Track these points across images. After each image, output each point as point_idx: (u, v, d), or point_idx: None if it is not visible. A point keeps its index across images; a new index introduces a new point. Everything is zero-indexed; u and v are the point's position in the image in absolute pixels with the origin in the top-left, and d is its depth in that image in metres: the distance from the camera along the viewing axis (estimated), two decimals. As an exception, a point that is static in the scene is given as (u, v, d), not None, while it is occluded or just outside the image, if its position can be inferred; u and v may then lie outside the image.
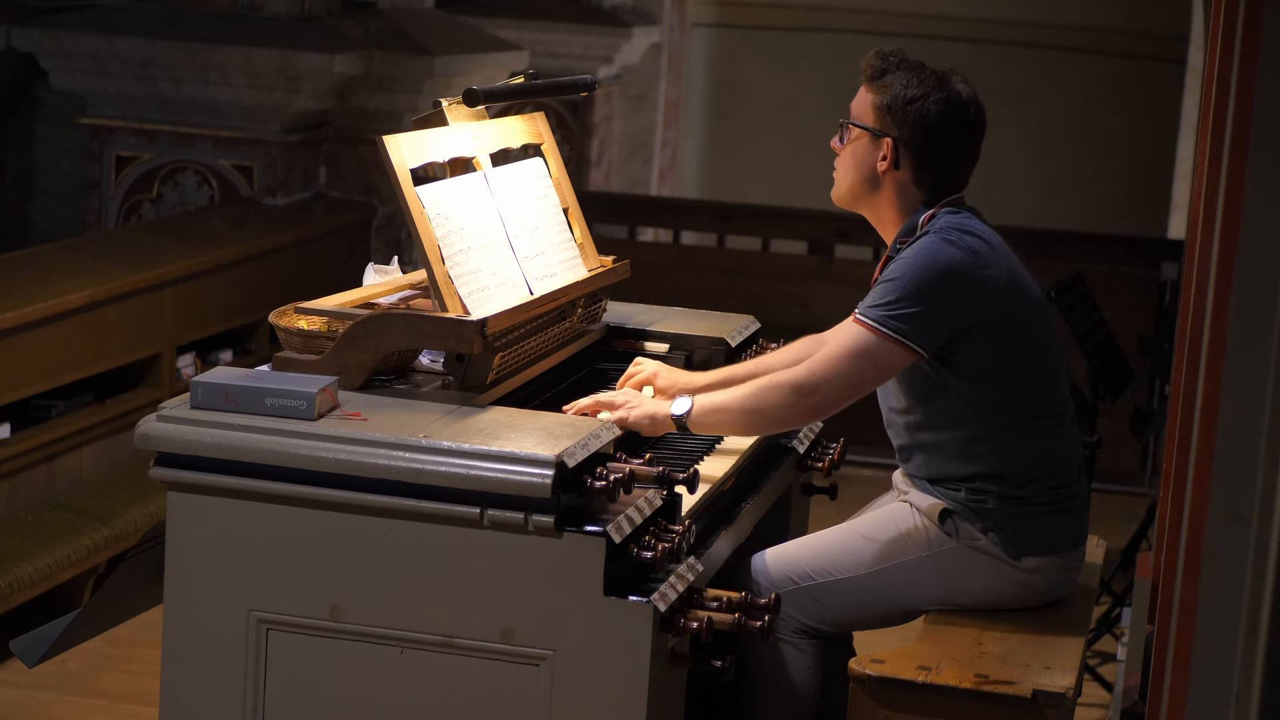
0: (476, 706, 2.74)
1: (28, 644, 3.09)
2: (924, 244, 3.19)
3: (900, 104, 3.22)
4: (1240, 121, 1.78)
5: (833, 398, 3.15)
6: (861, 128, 3.28)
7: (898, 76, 3.24)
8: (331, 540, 2.75)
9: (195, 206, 6.58)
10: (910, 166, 3.25)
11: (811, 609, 3.27)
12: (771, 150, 11.13)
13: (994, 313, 3.18)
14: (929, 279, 3.13)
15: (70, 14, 6.63)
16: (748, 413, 3.16)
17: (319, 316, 3.06)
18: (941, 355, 3.19)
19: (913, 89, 3.22)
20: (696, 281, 7.58)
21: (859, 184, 3.30)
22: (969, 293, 3.15)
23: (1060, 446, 3.28)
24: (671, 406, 3.17)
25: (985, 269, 3.17)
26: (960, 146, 3.27)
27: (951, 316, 3.15)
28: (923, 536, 3.27)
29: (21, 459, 4.92)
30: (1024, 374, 3.23)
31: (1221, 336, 1.75)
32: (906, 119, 3.22)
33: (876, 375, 3.17)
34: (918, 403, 3.27)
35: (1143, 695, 3.67)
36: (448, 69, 6.75)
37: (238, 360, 5.87)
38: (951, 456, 3.25)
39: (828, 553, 3.30)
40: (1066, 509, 3.28)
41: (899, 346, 3.12)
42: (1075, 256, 7.43)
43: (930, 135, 3.23)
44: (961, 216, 3.24)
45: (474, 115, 3.33)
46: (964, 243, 3.17)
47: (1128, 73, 10.58)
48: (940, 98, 3.22)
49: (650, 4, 10.17)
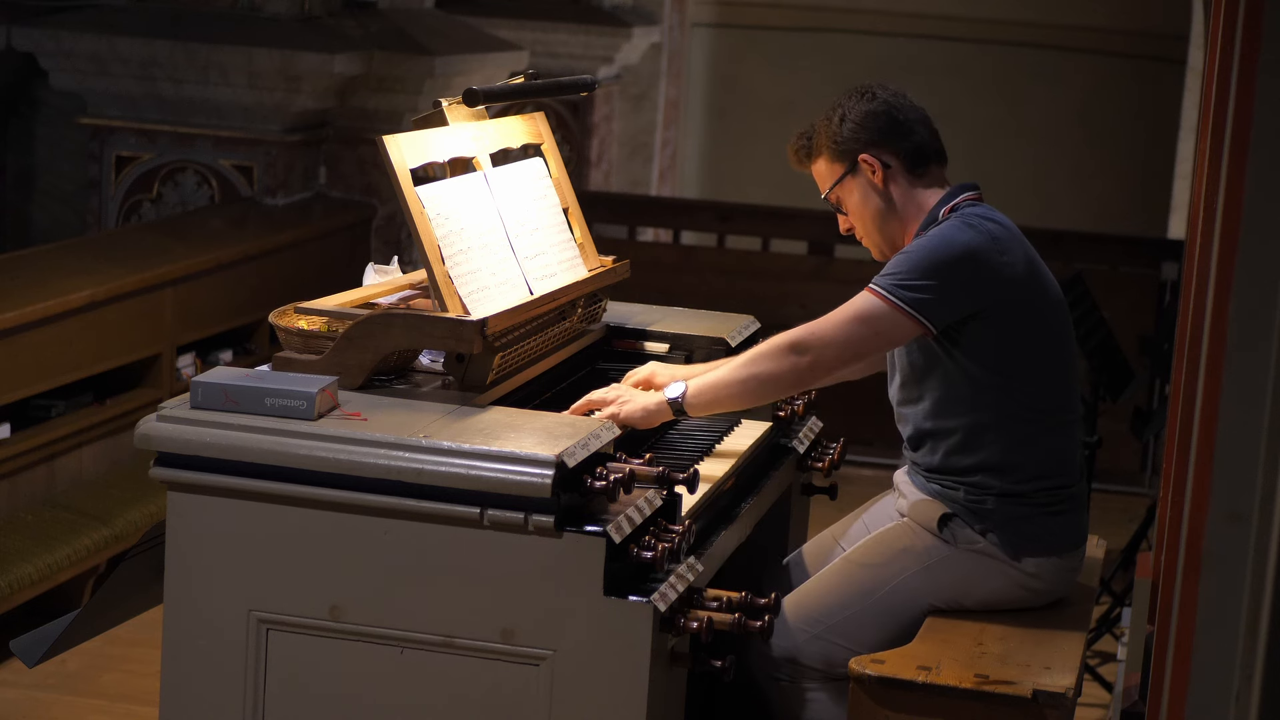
0: (476, 706, 2.74)
1: (28, 644, 3.09)
2: (944, 226, 3.23)
3: (837, 135, 3.36)
4: (1240, 121, 1.78)
5: (830, 358, 3.15)
6: (840, 180, 3.37)
7: (818, 135, 3.40)
8: (331, 540, 2.75)
9: (195, 206, 6.58)
10: (893, 156, 3.33)
11: (830, 655, 3.25)
12: (771, 150, 11.06)
13: (1008, 299, 3.19)
14: (945, 256, 3.16)
15: (70, 14, 6.63)
16: (743, 380, 3.16)
17: (319, 316, 3.06)
18: (953, 337, 3.21)
19: (834, 121, 3.37)
20: (696, 281, 7.58)
21: (878, 217, 3.35)
22: (984, 275, 3.17)
23: (1065, 447, 3.28)
24: (665, 392, 3.18)
25: (1003, 255, 3.20)
26: (903, 114, 3.35)
27: (964, 296, 3.17)
28: (920, 549, 3.27)
29: (21, 459, 4.92)
30: (1035, 365, 3.24)
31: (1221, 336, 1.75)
32: (853, 136, 3.34)
33: (877, 343, 3.18)
34: (929, 389, 3.27)
35: (1143, 695, 3.67)
36: (448, 69, 6.75)
37: (238, 360, 5.87)
38: (958, 446, 3.25)
39: (831, 592, 3.29)
40: (1066, 510, 3.29)
41: (906, 317, 3.14)
42: (1075, 256, 7.43)
43: (876, 121, 3.33)
44: (983, 207, 3.30)
45: (474, 115, 3.33)
46: (984, 227, 3.21)
47: (1128, 73, 10.57)
48: (850, 103, 3.36)
49: (650, 4, 10.17)
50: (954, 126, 3.39)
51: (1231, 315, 1.73)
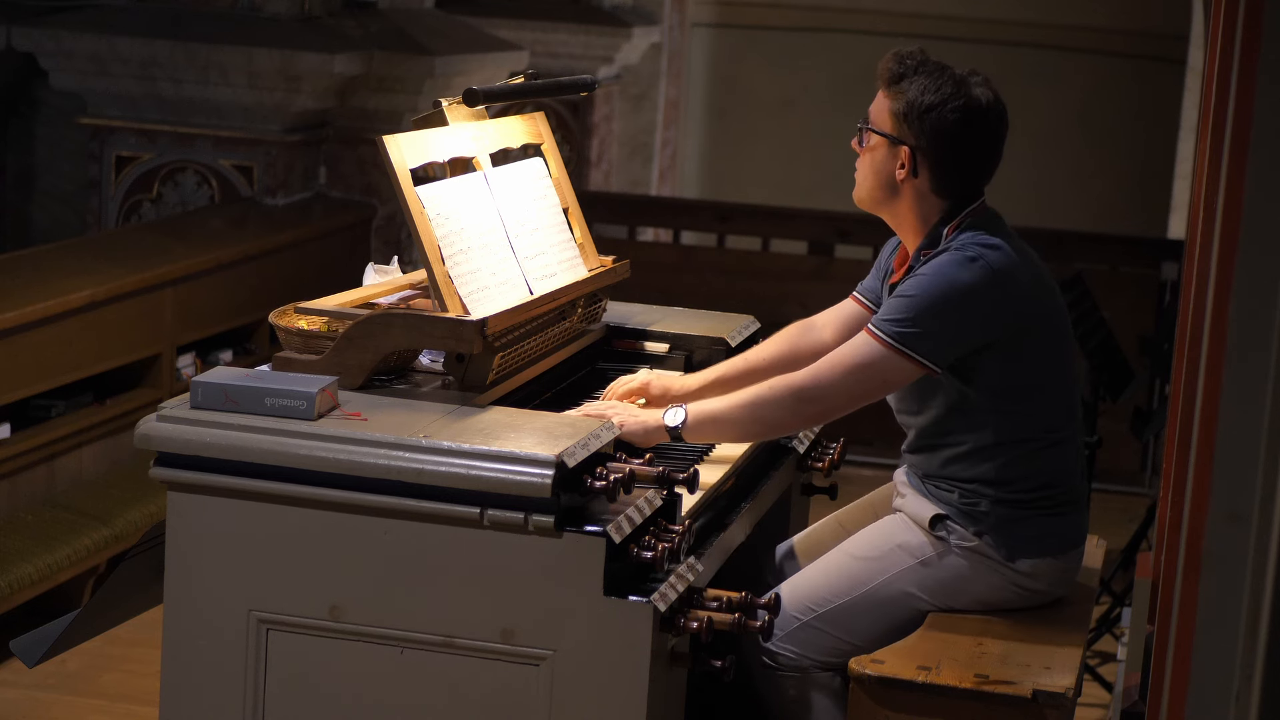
0: (476, 706, 2.73)
1: (28, 644, 3.09)
2: (945, 262, 3.12)
3: (917, 112, 3.13)
4: (1240, 121, 1.78)
5: (836, 407, 3.13)
6: (879, 134, 3.20)
7: (915, 81, 3.15)
8: (331, 540, 2.75)
9: (195, 206, 6.58)
10: (929, 175, 3.18)
11: (823, 643, 3.25)
12: (771, 150, 11.13)
13: (1012, 332, 3.14)
14: (947, 299, 3.08)
15: (70, 14, 6.63)
16: (747, 422, 3.14)
17: (319, 316, 3.06)
18: (959, 370, 3.16)
19: (929, 95, 3.13)
20: (696, 281, 7.58)
21: (878, 190, 3.23)
22: (988, 313, 3.11)
23: (1068, 458, 3.25)
24: (665, 417, 3.15)
25: (1006, 288, 3.11)
26: (981, 153, 3.19)
27: (968, 335, 3.11)
28: (914, 545, 3.26)
29: (21, 459, 4.92)
30: (1042, 390, 3.20)
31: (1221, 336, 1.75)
32: (924, 128, 3.14)
33: (883, 388, 3.15)
34: (932, 410, 3.24)
35: (1143, 695, 3.67)
36: (448, 69, 6.75)
37: (238, 360, 5.87)
38: (957, 458, 3.23)
39: (825, 582, 3.28)
40: (1062, 511, 3.26)
41: (910, 362, 3.09)
42: (1075, 256, 7.43)
43: (949, 144, 3.14)
44: (984, 228, 3.17)
45: (474, 115, 3.33)
46: (986, 259, 3.10)
47: (1128, 73, 10.58)
48: (958, 105, 3.13)
49: (650, 4, 10.17)
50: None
51: (1231, 315, 1.73)
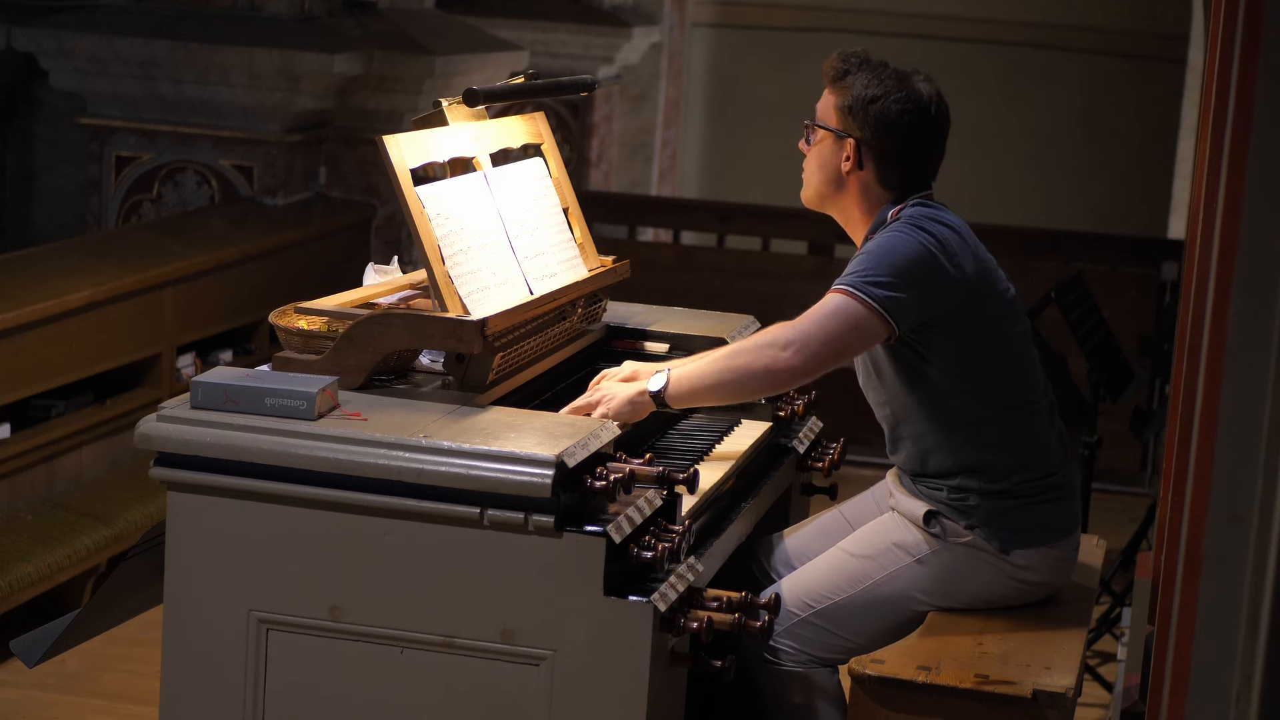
0: (476, 706, 2.74)
1: (28, 644, 3.09)
2: (895, 230, 3.20)
3: (861, 104, 3.25)
4: (1240, 121, 1.78)
5: (812, 356, 3.10)
6: (825, 129, 3.31)
7: (859, 77, 3.27)
8: (331, 540, 2.75)
9: (195, 206, 6.58)
10: (874, 166, 3.27)
11: (819, 639, 3.25)
12: (771, 150, 11.12)
13: (961, 304, 3.18)
14: (899, 262, 3.14)
15: (70, 14, 6.63)
16: (720, 371, 3.14)
17: (319, 316, 3.06)
18: (913, 346, 3.20)
19: (873, 89, 3.25)
20: (696, 281, 7.58)
21: (824, 185, 3.33)
22: (936, 283, 3.15)
23: (1037, 435, 3.27)
24: (648, 383, 3.15)
25: (953, 260, 3.17)
26: (923, 144, 3.29)
27: (919, 302, 3.14)
28: (910, 543, 3.27)
29: (21, 459, 4.92)
30: (996, 365, 3.23)
31: (1221, 336, 1.76)
32: (868, 119, 3.25)
33: (856, 339, 3.14)
34: (895, 395, 3.27)
35: (1143, 695, 3.67)
36: (448, 69, 6.75)
37: (238, 360, 5.87)
38: (931, 448, 3.25)
39: (822, 579, 3.28)
40: (1052, 498, 3.27)
41: (874, 314, 3.11)
42: (1075, 256, 7.43)
43: (892, 134, 3.25)
44: (931, 208, 3.26)
45: (474, 115, 3.33)
46: (934, 231, 3.18)
47: (1127, 73, 10.58)
48: (900, 97, 3.24)
49: (650, 4, 10.17)
50: (954, 126, 3.35)
51: (1231, 315, 1.73)
